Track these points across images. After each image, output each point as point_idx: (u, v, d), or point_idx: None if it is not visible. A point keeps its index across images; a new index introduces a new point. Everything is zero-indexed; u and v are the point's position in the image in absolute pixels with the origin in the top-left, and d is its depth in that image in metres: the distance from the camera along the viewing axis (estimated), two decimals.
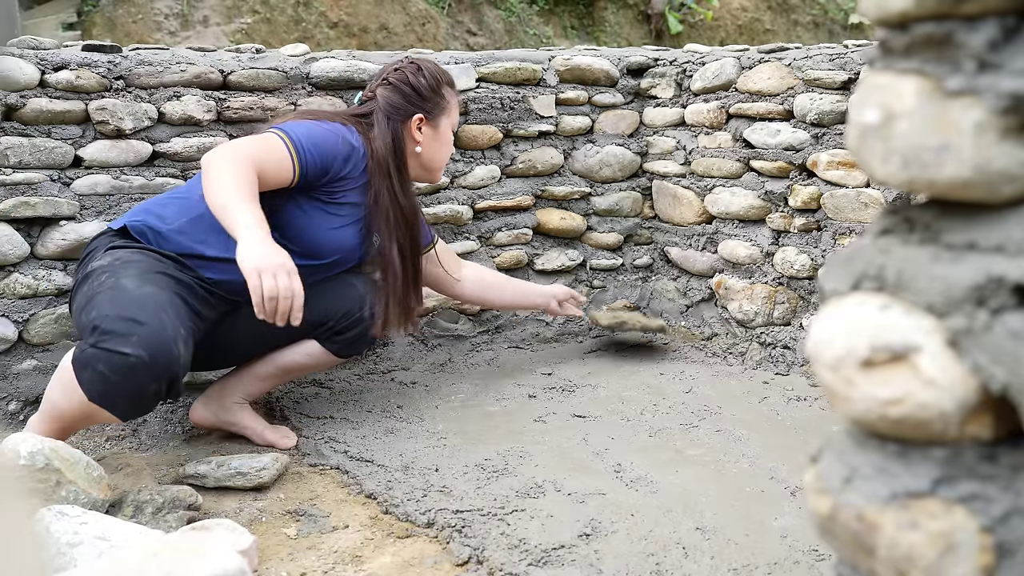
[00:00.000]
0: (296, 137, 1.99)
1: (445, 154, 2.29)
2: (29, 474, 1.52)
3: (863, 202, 2.44)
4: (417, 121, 2.20)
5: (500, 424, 2.24)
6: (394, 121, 2.18)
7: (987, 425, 0.63)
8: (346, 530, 1.72)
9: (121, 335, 1.68)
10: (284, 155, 1.96)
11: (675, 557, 1.57)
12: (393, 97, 2.19)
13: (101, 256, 1.95)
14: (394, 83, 2.21)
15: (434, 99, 2.23)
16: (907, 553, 0.63)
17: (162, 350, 1.70)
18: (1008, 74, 0.60)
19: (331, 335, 2.15)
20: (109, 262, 1.90)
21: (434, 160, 2.27)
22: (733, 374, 2.62)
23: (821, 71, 2.53)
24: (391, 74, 2.23)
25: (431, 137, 2.24)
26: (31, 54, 2.30)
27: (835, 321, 0.68)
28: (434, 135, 2.24)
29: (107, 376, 1.69)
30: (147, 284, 1.83)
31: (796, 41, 8.07)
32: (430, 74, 2.23)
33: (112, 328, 1.70)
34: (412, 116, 2.20)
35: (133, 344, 1.68)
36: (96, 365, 1.69)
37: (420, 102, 2.21)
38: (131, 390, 1.70)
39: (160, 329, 1.71)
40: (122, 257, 1.92)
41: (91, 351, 1.70)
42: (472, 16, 6.79)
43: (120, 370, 1.68)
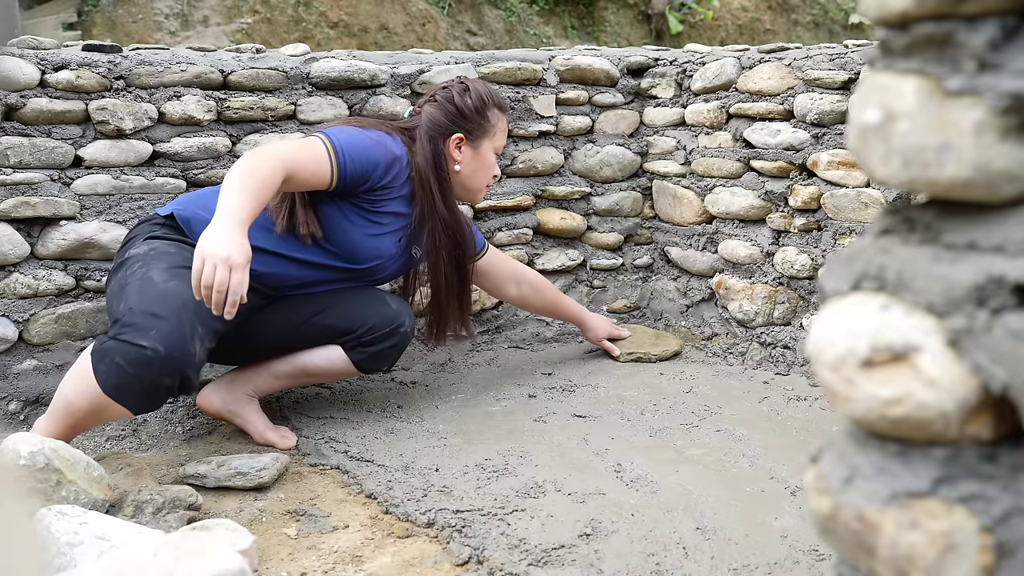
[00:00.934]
0: (338, 142, 2.02)
1: (485, 176, 2.31)
2: (29, 474, 1.52)
3: (863, 202, 2.44)
4: (456, 140, 2.23)
5: (500, 424, 2.24)
6: (435, 139, 2.21)
7: (987, 425, 0.63)
8: (346, 530, 1.72)
9: (140, 328, 1.73)
10: (323, 157, 1.99)
11: (675, 557, 1.57)
12: (436, 114, 2.23)
13: (140, 244, 2.00)
14: (440, 101, 2.25)
15: (476, 120, 2.25)
16: (907, 553, 0.63)
17: (178, 346, 1.74)
18: (1008, 74, 0.60)
19: (356, 345, 2.16)
20: (145, 251, 1.96)
21: (471, 180, 2.29)
22: (733, 374, 2.62)
23: (821, 71, 2.53)
24: (439, 92, 2.28)
25: (471, 157, 2.27)
26: (31, 54, 2.30)
27: (835, 321, 0.68)
28: (474, 156, 2.27)
29: (123, 367, 1.73)
30: (174, 279, 1.86)
31: (796, 41, 8.07)
32: (476, 95, 2.26)
33: (133, 321, 1.75)
34: (452, 135, 2.23)
35: (151, 338, 1.72)
36: (114, 356, 1.74)
37: (462, 121, 2.24)
38: (144, 383, 1.74)
39: (178, 325, 1.76)
40: (157, 248, 1.97)
41: (110, 343, 1.75)
42: (472, 16, 6.79)
43: (135, 362, 1.72)
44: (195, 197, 2.14)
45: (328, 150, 2.00)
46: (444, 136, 2.23)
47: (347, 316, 2.15)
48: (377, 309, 2.17)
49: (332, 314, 2.15)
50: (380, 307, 2.18)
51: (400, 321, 2.19)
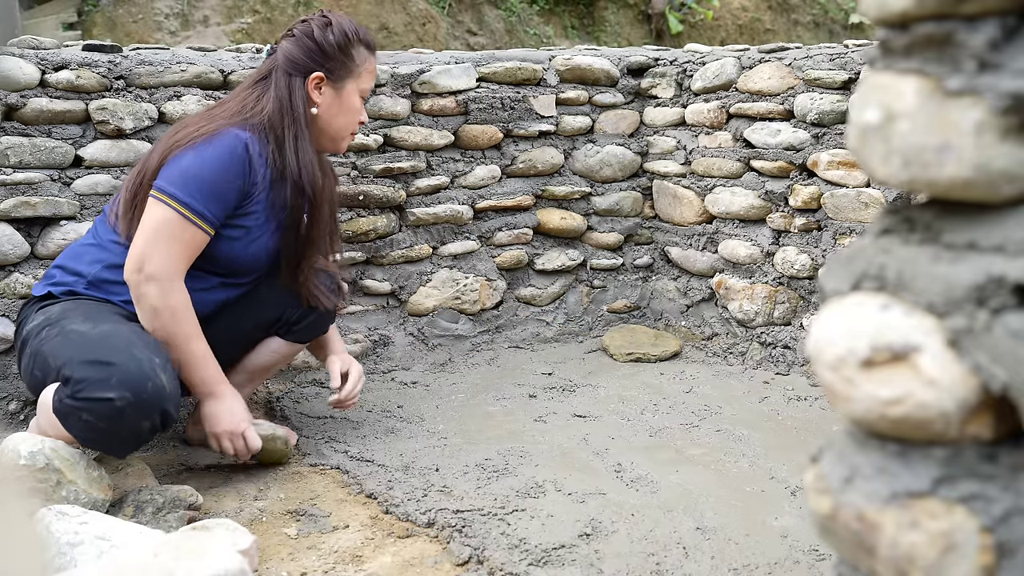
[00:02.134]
0: (190, 198, 1.84)
1: (349, 121, 2.07)
2: (30, 474, 1.52)
3: (863, 202, 2.44)
4: (316, 80, 2.00)
5: (500, 424, 2.24)
6: (293, 77, 1.99)
7: (987, 425, 0.63)
8: (346, 530, 1.72)
9: (97, 380, 1.62)
10: (191, 230, 1.85)
11: (675, 557, 1.57)
12: (294, 51, 2.00)
13: (33, 317, 1.88)
14: (298, 35, 2.02)
15: (340, 58, 2.01)
16: (908, 553, 0.63)
17: (145, 386, 1.64)
18: (1008, 74, 0.60)
19: (288, 327, 2.13)
20: (44, 318, 1.84)
21: (332, 126, 2.05)
22: (733, 374, 2.62)
23: (821, 71, 2.53)
24: (297, 26, 2.04)
25: (332, 100, 2.02)
26: (31, 54, 2.30)
27: (836, 321, 0.68)
28: (335, 98, 2.03)
29: (95, 424, 1.63)
30: (101, 323, 1.77)
31: (796, 41, 8.07)
32: (340, 30, 2.02)
33: (85, 375, 1.63)
34: (311, 73, 1.99)
35: (114, 387, 1.61)
36: (80, 415, 1.63)
37: (322, 59, 2.00)
38: (124, 432, 1.66)
39: (136, 365, 1.65)
40: (56, 311, 1.85)
41: (70, 402, 1.64)
42: (472, 16, 6.79)
43: (107, 416, 1.62)
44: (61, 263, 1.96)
45: (188, 216, 1.84)
46: (302, 74, 1.99)
47: (264, 310, 2.08)
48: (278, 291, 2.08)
49: (249, 317, 2.08)
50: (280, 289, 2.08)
51: None
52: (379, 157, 2.71)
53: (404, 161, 2.73)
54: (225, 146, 1.89)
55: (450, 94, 2.78)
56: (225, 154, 1.88)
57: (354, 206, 2.67)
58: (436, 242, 2.84)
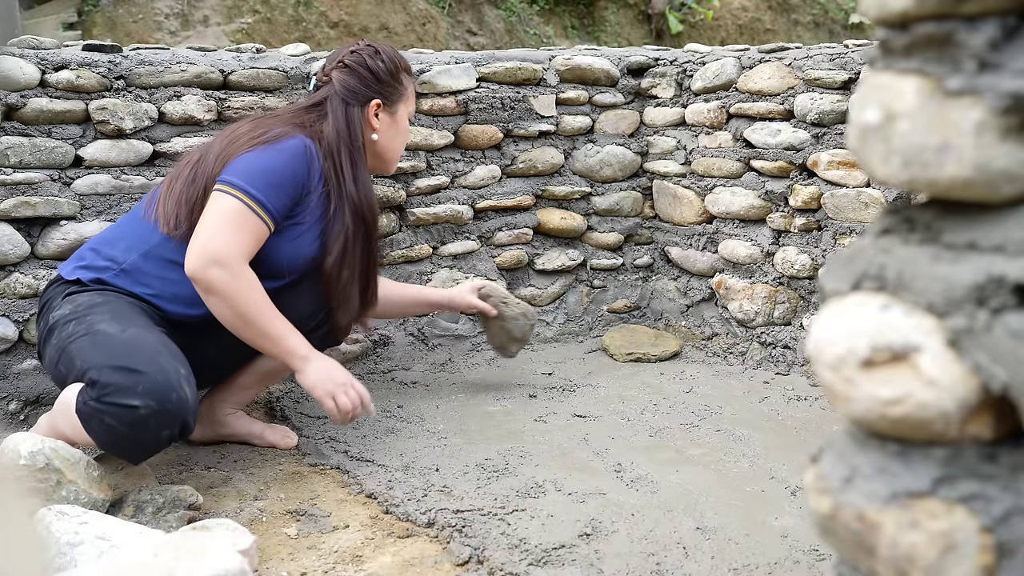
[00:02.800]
0: (256, 190, 1.89)
1: (401, 143, 2.19)
2: (30, 474, 1.52)
3: (863, 202, 2.44)
4: (375, 107, 2.09)
5: (500, 424, 2.24)
6: (351, 106, 2.07)
7: (987, 425, 0.63)
8: (346, 530, 1.72)
9: (124, 387, 1.64)
10: (255, 221, 1.89)
11: (675, 557, 1.57)
12: (350, 80, 2.08)
13: (60, 304, 1.89)
14: (351, 65, 2.09)
15: (392, 84, 2.12)
16: (908, 553, 0.63)
17: (170, 397, 1.66)
18: (1008, 74, 0.60)
19: (307, 333, 2.12)
20: (71, 309, 1.85)
21: (390, 149, 2.16)
22: (733, 374, 2.62)
23: (821, 71, 2.53)
24: (347, 56, 2.11)
25: (388, 124, 2.13)
26: (31, 54, 2.31)
27: (836, 321, 0.68)
28: (391, 122, 2.14)
29: (117, 428, 1.65)
30: (129, 326, 1.77)
31: (796, 41, 8.07)
32: (388, 58, 2.12)
33: (112, 380, 1.64)
34: (370, 101, 2.09)
35: (140, 395, 1.63)
36: (103, 419, 1.65)
37: (378, 86, 2.10)
38: (144, 439, 1.68)
39: (163, 375, 1.67)
40: (83, 302, 1.86)
41: (95, 405, 1.66)
42: (472, 16, 6.79)
43: (131, 422, 1.64)
44: (95, 247, 1.99)
45: (253, 208, 1.88)
46: (360, 103, 2.08)
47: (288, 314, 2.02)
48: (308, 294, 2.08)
49: None
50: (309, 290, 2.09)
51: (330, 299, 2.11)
52: None
53: (404, 161, 2.73)
54: (292, 147, 1.97)
55: (450, 94, 2.78)
56: (291, 154, 1.96)
57: None
58: (436, 242, 2.84)
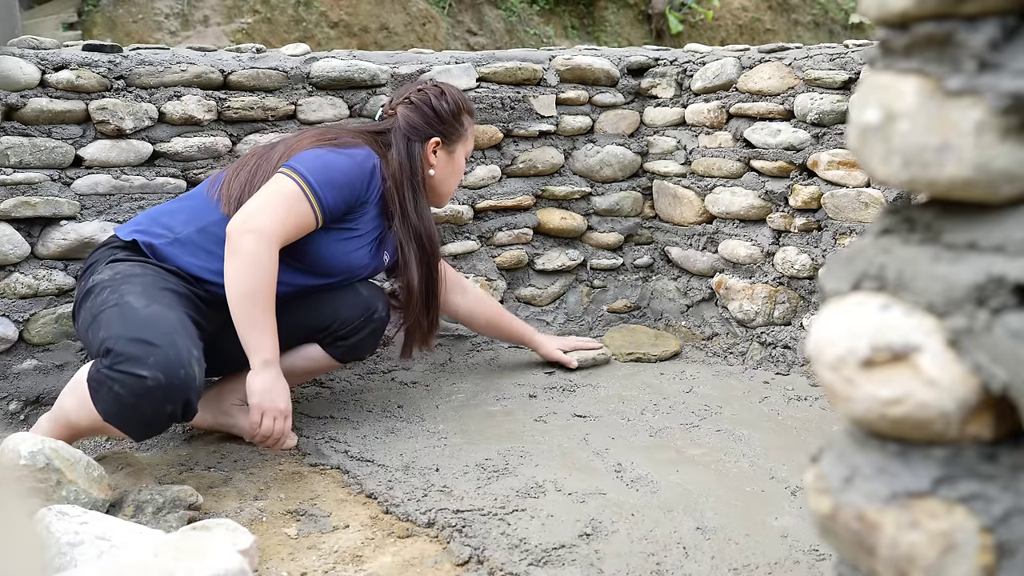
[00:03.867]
0: (315, 181, 1.98)
1: (456, 181, 2.29)
2: (30, 474, 1.52)
3: (864, 202, 2.44)
4: (434, 144, 2.20)
5: (500, 424, 2.24)
6: (412, 142, 2.18)
7: (987, 425, 0.63)
8: (346, 530, 1.72)
9: (136, 358, 1.69)
10: (305, 210, 1.97)
11: (676, 557, 1.57)
12: (413, 117, 2.19)
13: (102, 269, 1.95)
14: (416, 103, 2.21)
15: (453, 125, 2.23)
16: (908, 553, 0.63)
17: (178, 372, 1.71)
18: (1008, 74, 0.60)
19: (334, 340, 2.16)
20: (110, 276, 1.91)
21: (444, 185, 2.26)
22: (734, 374, 2.62)
23: (822, 71, 2.53)
24: (414, 94, 2.22)
25: (445, 162, 2.24)
26: (31, 54, 2.30)
27: (836, 321, 0.68)
28: (448, 160, 2.24)
29: (123, 397, 1.70)
30: (154, 302, 1.82)
31: (796, 41, 8.07)
32: (452, 100, 2.24)
33: (125, 350, 1.70)
34: (430, 139, 2.19)
35: (150, 367, 1.68)
36: (112, 386, 1.70)
37: (439, 125, 2.21)
38: (147, 412, 1.72)
39: (175, 351, 1.72)
40: (123, 271, 1.92)
41: (106, 372, 1.71)
42: (473, 16, 6.79)
43: (137, 392, 1.69)
44: (155, 215, 2.08)
45: (308, 195, 1.97)
46: (422, 140, 2.19)
47: (319, 314, 2.13)
48: (348, 300, 2.16)
49: (304, 314, 2.13)
50: (351, 298, 2.17)
51: (373, 308, 2.19)
52: None
53: None
54: (360, 155, 2.08)
55: None
56: (357, 162, 2.06)
57: None
58: None
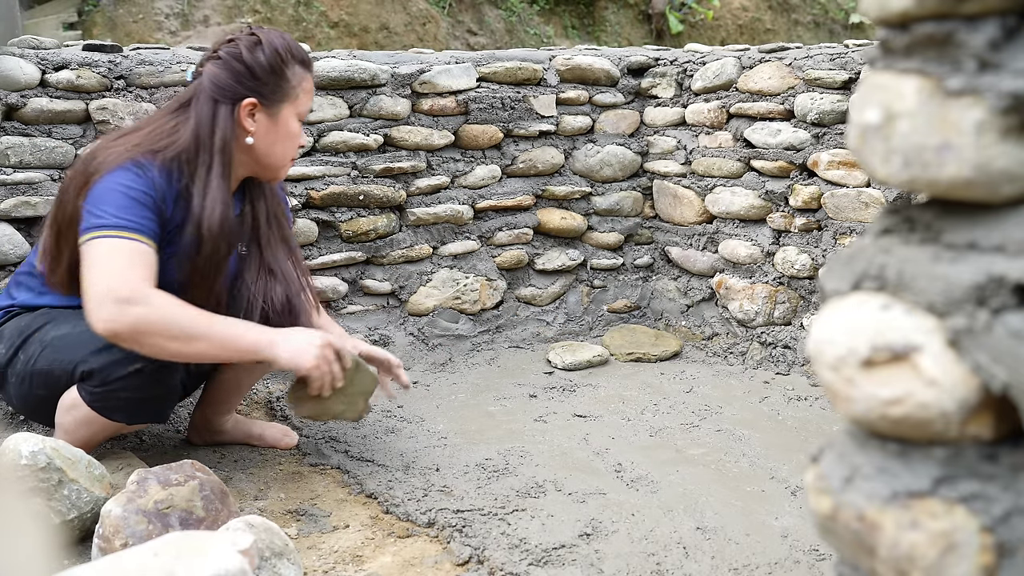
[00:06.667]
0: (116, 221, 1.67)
1: (288, 148, 1.88)
2: (31, 473, 1.52)
3: (864, 202, 2.44)
4: (248, 106, 1.79)
5: (500, 424, 2.24)
6: (219, 104, 1.78)
7: (988, 425, 0.63)
8: (347, 530, 1.72)
9: (118, 360, 1.67)
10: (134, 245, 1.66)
11: (676, 557, 1.57)
12: (221, 75, 1.79)
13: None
14: (225, 58, 1.80)
15: (274, 81, 1.81)
16: (908, 553, 0.63)
17: None
18: (1009, 74, 0.60)
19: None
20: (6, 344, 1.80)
21: (272, 155, 1.85)
22: (734, 374, 2.62)
23: (822, 71, 2.53)
24: (224, 47, 1.83)
25: (267, 127, 1.82)
26: (32, 54, 2.30)
27: (836, 321, 0.68)
28: (271, 125, 1.83)
29: (134, 397, 1.71)
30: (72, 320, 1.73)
31: (797, 41, 8.08)
32: (271, 49, 1.80)
33: (104, 362, 1.67)
34: (243, 100, 1.79)
35: (135, 358, 1.66)
36: (118, 395, 1.70)
37: (253, 83, 1.79)
38: (162, 392, 1.76)
39: None
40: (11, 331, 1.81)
41: (102, 390, 1.69)
42: (473, 16, 6.79)
43: (143, 385, 1.70)
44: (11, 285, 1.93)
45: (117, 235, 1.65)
46: (232, 101, 1.79)
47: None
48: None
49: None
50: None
51: None
52: (379, 157, 2.71)
53: (404, 161, 2.73)
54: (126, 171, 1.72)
55: (450, 94, 2.78)
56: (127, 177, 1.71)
57: (354, 206, 2.67)
58: (436, 242, 2.84)
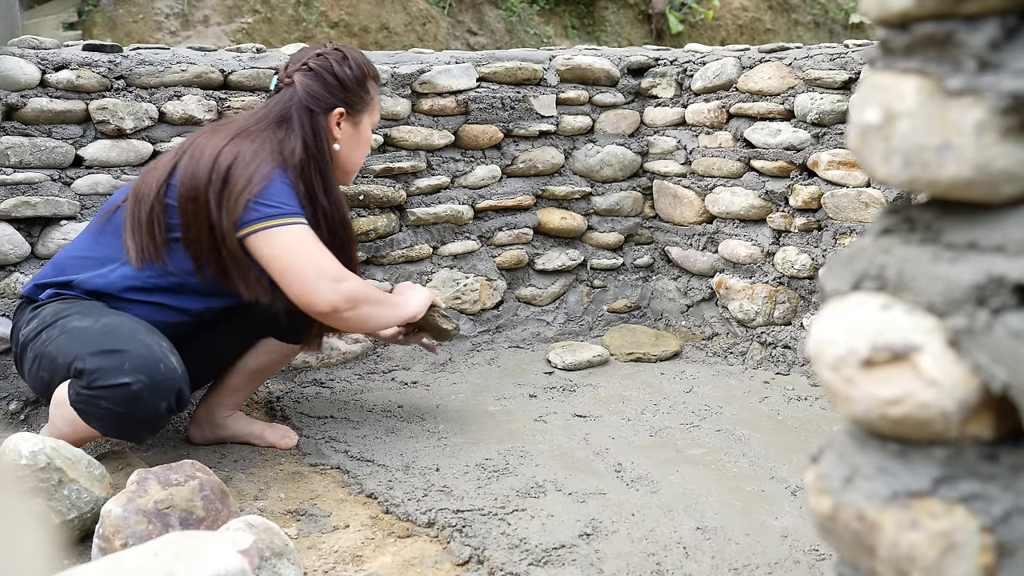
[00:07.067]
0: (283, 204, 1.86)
1: (361, 155, 2.09)
2: (31, 473, 1.52)
3: (864, 202, 2.44)
4: (337, 115, 1.99)
5: (500, 424, 2.24)
6: (316, 114, 1.97)
7: (988, 425, 0.63)
8: (347, 530, 1.72)
9: (110, 368, 1.66)
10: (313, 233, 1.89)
11: (676, 557, 1.57)
12: (314, 86, 1.97)
13: (27, 322, 1.88)
14: (316, 70, 1.99)
15: (358, 92, 2.02)
16: (908, 553, 0.63)
17: (158, 368, 1.68)
18: (1009, 74, 0.60)
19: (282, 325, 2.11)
20: (39, 321, 1.84)
21: (351, 160, 2.06)
22: (734, 374, 2.62)
23: (822, 71, 2.53)
24: (312, 59, 2.00)
25: (351, 135, 2.03)
26: (32, 54, 2.30)
27: (836, 321, 0.68)
28: (354, 133, 2.04)
29: (114, 410, 1.67)
30: (104, 316, 1.78)
31: (797, 41, 8.08)
32: (356, 64, 2.02)
33: (98, 365, 1.66)
34: (333, 109, 1.99)
35: (128, 372, 1.65)
36: (99, 403, 1.67)
37: (343, 94, 2.00)
38: (143, 415, 1.69)
39: (146, 349, 1.69)
40: (47, 313, 1.84)
41: (87, 392, 1.68)
42: (473, 16, 6.79)
43: (126, 401, 1.66)
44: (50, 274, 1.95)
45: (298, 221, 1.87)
46: (325, 111, 1.98)
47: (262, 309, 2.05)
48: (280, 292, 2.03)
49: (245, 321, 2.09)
50: None
51: None
52: (379, 157, 2.71)
53: (404, 161, 2.73)
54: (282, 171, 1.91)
55: (450, 94, 2.78)
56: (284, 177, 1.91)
57: (354, 206, 2.67)
58: (436, 242, 2.84)
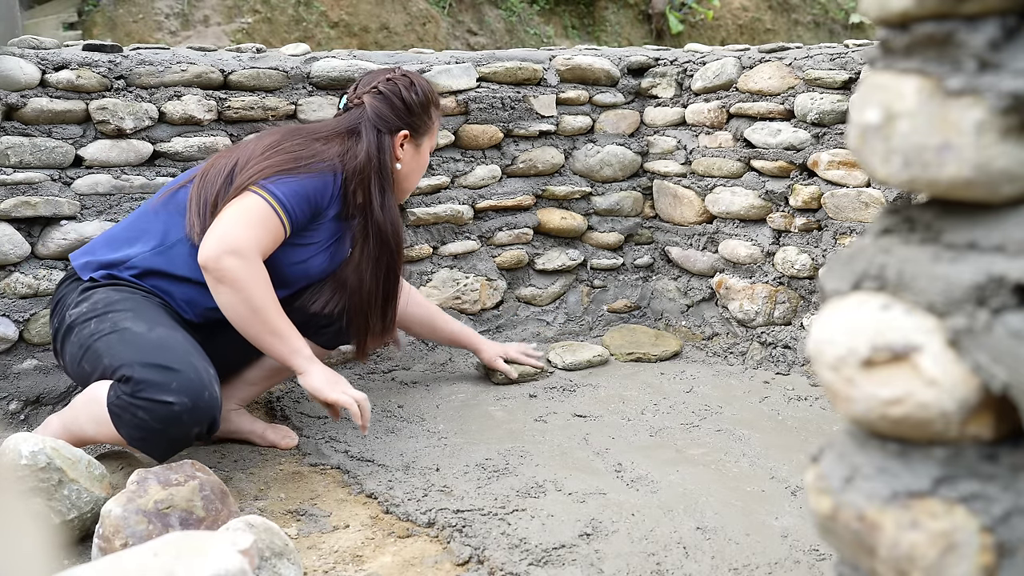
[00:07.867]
0: (282, 194, 1.94)
1: (419, 176, 2.23)
2: (31, 473, 1.52)
3: (864, 202, 2.44)
4: (402, 137, 2.12)
5: (501, 424, 2.24)
6: (382, 134, 2.10)
7: (988, 425, 0.63)
8: (347, 530, 1.72)
9: (159, 384, 1.69)
10: (276, 223, 1.92)
11: (676, 557, 1.57)
12: (382, 108, 2.11)
13: (75, 302, 1.91)
14: (385, 94, 2.12)
15: (422, 117, 2.16)
16: (908, 553, 0.63)
17: (203, 395, 1.72)
18: (1009, 74, 0.60)
19: (317, 329, 2.14)
20: (89, 307, 1.88)
21: (408, 181, 2.19)
22: (734, 374, 2.62)
23: (822, 71, 2.53)
24: (383, 83, 2.14)
25: (412, 156, 2.16)
26: (32, 54, 2.30)
27: (836, 321, 0.68)
28: (415, 155, 2.17)
29: (149, 423, 1.70)
30: (156, 325, 1.83)
31: (797, 40, 8.08)
32: (422, 91, 2.16)
33: (146, 377, 1.70)
34: (399, 131, 2.12)
35: (174, 392, 1.69)
36: (137, 412, 1.70)
37: (408, 117, 2.13)
38: (175, 435, 1.73)
39: (196, 374, 1.73)
40: (100, 299, 1.89)
41: (129, 399, 1.70)
42: (473, 16, 6.79)
43: (164, 418, 1.69)
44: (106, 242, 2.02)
45: (276, 209, 1.92)
46: (391, 132, 2.11)
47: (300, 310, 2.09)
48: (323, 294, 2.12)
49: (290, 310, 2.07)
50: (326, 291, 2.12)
51: None
52: None
53: None
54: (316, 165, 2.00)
55: (450, 94, 2.78)
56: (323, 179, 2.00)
57: None
58: (436, 242, 2.84)
